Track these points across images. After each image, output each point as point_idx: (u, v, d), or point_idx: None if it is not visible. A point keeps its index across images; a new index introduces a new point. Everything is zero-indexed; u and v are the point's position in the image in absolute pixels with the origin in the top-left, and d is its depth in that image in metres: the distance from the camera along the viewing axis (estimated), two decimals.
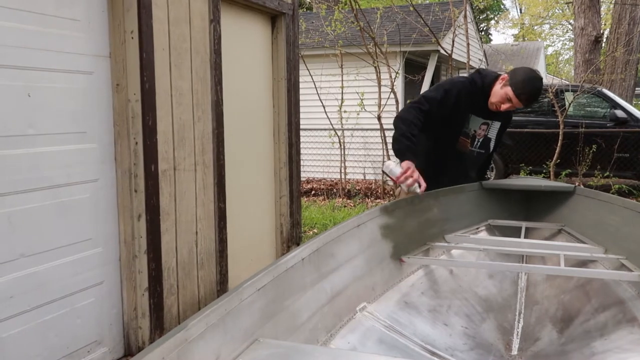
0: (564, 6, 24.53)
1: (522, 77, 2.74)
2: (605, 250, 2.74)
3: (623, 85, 12.22)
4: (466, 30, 8.24)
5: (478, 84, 2.84)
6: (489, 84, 2.83)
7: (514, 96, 2.72)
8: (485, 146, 3.05)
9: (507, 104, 2.78)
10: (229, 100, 3.88)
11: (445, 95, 2.80)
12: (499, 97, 2.78)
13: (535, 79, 2.77)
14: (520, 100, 2.74)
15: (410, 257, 2.63)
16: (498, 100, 2.79)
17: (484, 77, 2.86)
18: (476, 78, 2.87)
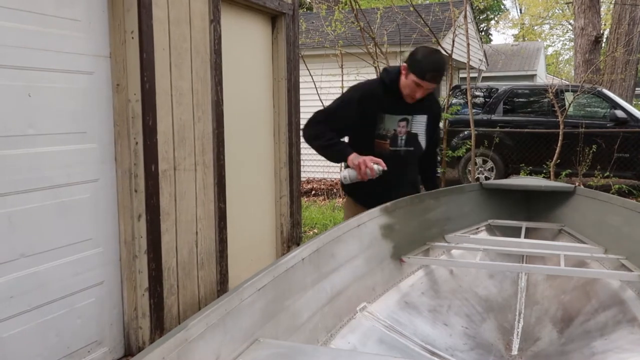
0: (564, 6, 24.53)
1: (419, 58, 2.63)
2: (606, 250, 2.74)
3: (623, 85, 12.22)
4: (466, 31, 8.24)
5: (386, 81, 2.75)
6: (395, 78, 2.72)
7: (421, 80, 2.60)
8: (413, 143, 2.83)
9: (419, 90, 2.66)
10: (229, 100, 3.88)
11: (342, 104, 2.77)
12: (409, 87, 2.67)
13: (431, 53, 2.69)
14: (427, 81, 2.61)
15: (410, 257, 2.63)
16: (410, 91, 2.67)
17: (390, 73, 2.77)
18: (383, 77, 2.79)
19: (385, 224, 2.57)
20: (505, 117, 9.01)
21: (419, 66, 2.61)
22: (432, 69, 2.61)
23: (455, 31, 8.29)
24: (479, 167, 8.90)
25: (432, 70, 2.61)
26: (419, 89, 2.66)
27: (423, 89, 2.66)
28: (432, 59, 2.64)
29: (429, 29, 8.22)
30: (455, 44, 8.01)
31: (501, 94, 9.22)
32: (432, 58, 2.64)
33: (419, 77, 2.61)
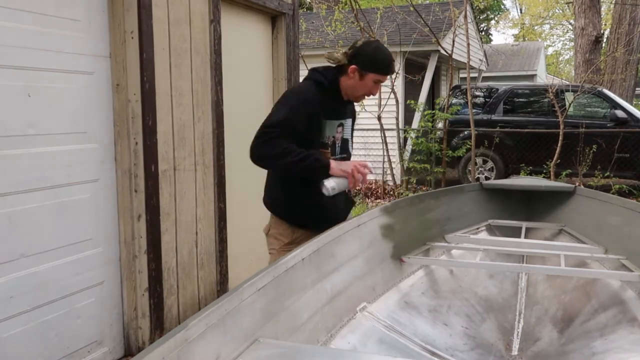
0: (564, 6, 24.53)
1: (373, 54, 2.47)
2: (606, 250, 2.74)
3: (623, 85, 12.21)
4: (466, 31, 8.24)
5: (325, 84, 2.49)
6: (334, 79, 2.50)
7: (384, 76, 2.49)
8: (345, 149, 2.64)
9: (377, 86, 2.52)
10: (229, 100, 3.88)
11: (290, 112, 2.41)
12: (365, 87, 2.48)
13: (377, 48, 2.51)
14: (387, 74, 2.52)
15: (410, 257, 2.63)
16: (368, 90, 2.50)
17: (326, 75, 2.52)
18: (319, 78, 2.51)
19: (385, 224, 2.56)
20: (505, 117, 9.01)
21: (379, 62, 2.46)
22: (391, 61, 2.51)
23: (456, 31, 8.29)
24: (479, 167, 8.90)
25: (392, 61, 2.51)
26: (377, 86, 2.52)
27: (379, 84, 2.53)
28: (385, 51, 2.51)
29: (429, 29, 8.22)
30: (455, 44, 8.01)
31: (501, 94, 9.22)
32: (383, 50, 2.50)
33: (382, 73, 2.47)
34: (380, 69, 2.46)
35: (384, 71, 2.48)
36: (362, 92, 2.52)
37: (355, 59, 2.46)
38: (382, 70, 2.47)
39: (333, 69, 2.52)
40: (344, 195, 2.60)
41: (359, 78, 2.46)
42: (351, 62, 2.46)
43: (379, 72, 2.46)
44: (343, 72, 2.48)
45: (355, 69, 2.44)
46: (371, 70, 2.44)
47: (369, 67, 2.44)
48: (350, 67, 2.45)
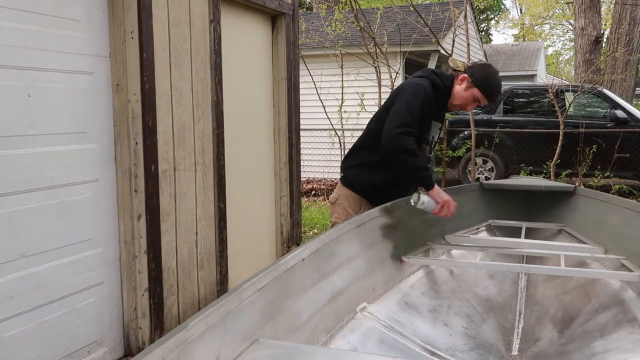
0: (564, 6, 24.52)
1: (486, 77, 2.65)
2: (606, 250, 2.74)
3: (623, 85, 12.21)
4: (466, 31, 8.24)
5: (440, 87, 2.68)
6: (450, 85, 2.70)
7: (483, 96, 2.64)
8: (431, 148, 2.90)
9: (474, 104, 2.71)
10: (229, 100, 3.88)
11: (423, 108, 2.58)
12: (465, 99, 2.66)
13: (496, 74, 2.71)
14: (489, 100, 2.68)
15: (410, 257, 2.63)
16: (463, 102, 2.68)
17: (444, 79, 2.71)
18: (436, 80, 2.68)
19: (385, 224, 2.57)
20: (505, 117, 9.01)
21: (489, 85, 2.63)
22: (497, 90, 2.68)
23: (455, 31, 8.28)
24: (479, 167, 8.90)
25: (496, 92, 2.68)
26: (473, 104, 2.70)
27: (476, 104, 2.71)
28: (497, 80, 2.69)
29: (429, 29, 8.22)
30: (455, 44, 8.00)
31: (501, 94, 9.21)
32: (497, 79, 2.69)
33: (485, 94, 2.64)
34: (487, 89, 2.63)
35: (488, 93, 2.64)
36: (458, 102, 2.70)
37: (471, 70, 2.66)
38: (487, 92, 2.64)
39: (451, 77, 2.72)
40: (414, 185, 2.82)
41: (464, 88, 2.65)
42: (466, 72, 2.66)
43: (483, 92, 2.63)
44: (455, 77, 2.69)
45: (465, 78, 2.65)
46: (478, 86, 2.62)
47: (477, 83, 2.62)
48: (462, 75, 2.65)
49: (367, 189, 2.74)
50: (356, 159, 2.81)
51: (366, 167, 2.74)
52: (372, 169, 2.72)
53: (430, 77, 2.69)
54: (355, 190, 2.76)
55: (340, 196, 2.79)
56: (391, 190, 2.72)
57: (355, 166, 2.79)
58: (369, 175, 2.73)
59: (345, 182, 2.80)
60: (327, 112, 8.78)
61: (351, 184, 2.78)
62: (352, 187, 2.77)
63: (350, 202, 2.74)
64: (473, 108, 2.78)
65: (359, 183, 2.76)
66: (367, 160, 2.73)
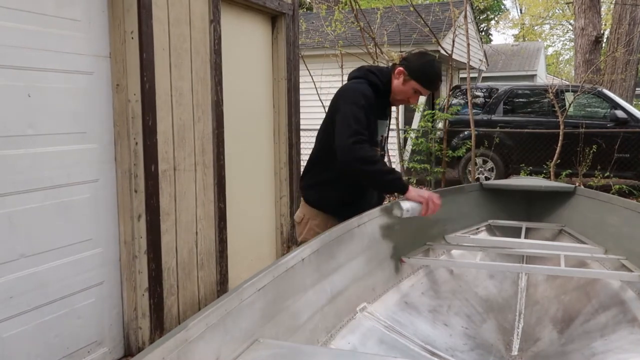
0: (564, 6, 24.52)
1: (422, 67, 2.51)
2: (606, 250, 2.74)
3: (623, 85, 12.21)
4: (466, 31, 8.24)
5: (380, 85, 2.55)
6: (388, 81, 2.57)
7: (422, 88, 2.53)
8: (384, 147, 2.76)
9: (416, 97, 2.60)
10: (229, 100, 3.88)
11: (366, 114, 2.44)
12: (405, 93, 2.55)
13: (432, 62, 2.56)
14: (430, 89, 2.57)
15: (410, 257, 2.62)
16: (404, 96, 2.57)
17: (381, 76, 2.57)
18: (373, 80, 2.56)
19: (385, 224, 2.56)
20: (505, 117, 9.01)
21: (425, 75, 2.51)
22: (435, 79, 2.55)
23: (455, 31, 8.28)
24: (479, 168, 8.90)
25: (434, 81, 2.55)
26: (416, 96, 2.59)
27: (418, 96, 2.59)
28: (436, 68, 2.55)
29: (429, 29, 8.22)
30: (455, 44, 8.01)
31: (501, 94, 9.21)
32: (434, 67, 2.55)
33: (424, 85, 2.52)
34: (424, 80, 2.52)
35: (426, 84, 2.53)
36: (400, 97, 2.59)
37: (406, 63, 2.54)
38: (425, 83, 2.53)
39: (389, 71, 2.59)
40: (376, 193, 2.71)
41: (402, 82, 2.53)
42: (401, 64, 2.54)
43: (422, 83, 2.52)
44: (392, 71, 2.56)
45: (401, 71, 2.53)
46: (415, 78, 2.51)
47: (414, 75, 2.51)
48: (398, 68, 2.53)
49: (330, 206, 2.61)
50: (313, 177, 2.67)
51: (324, 185, 2.61)
52: (329, 186, 2.59)
53: (368, 77, 2.57)
54: (320, 209, 2.64)
55: (305, 215, 2.67)
56: (356, 203, 2.59)
57: (314, 185, 2.66)
58: (328, 192, 2.60)
59: (308, 201, 2.68)
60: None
61: (313, 203, 2.66)
62: (315, 206, 2.65)
63: (317, 221, 2.61)
64: (417, 100, 2.65)
65: (321, 202, 2.64)
66: (323, 177, 2.61)
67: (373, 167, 2.34)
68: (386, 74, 2.59)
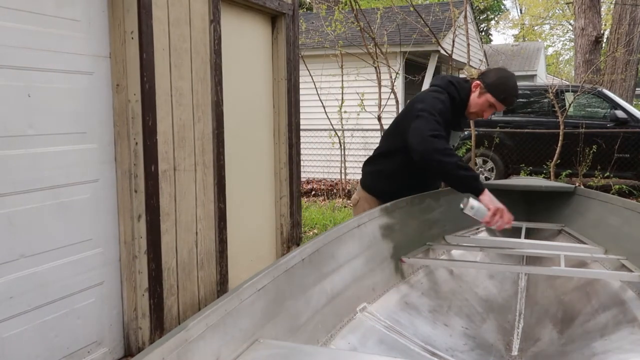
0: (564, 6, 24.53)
1: (498, 81, 2.60)
2: (606, 250, 2.74)
3: (623, 85, 12.21)
4: (466, 31, 8.24)
5: (457, 98, 2.66)
6: (467, 95, 2.68)
7: (497, 102, 2.61)
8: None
9: (490, 111, 2.67)
10: (229, 100, 3.88)
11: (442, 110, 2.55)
12: (480, 106, 2.65)
13: (509, 77, 2.65)
14: (504, 104, 2.64)
15: (410, 257, 2.62)
16: (480, 110, 2.66)
17: (460, 90, 2.68)
18: (452, 92, 2.66)
19: (385, 224, 2.56)
20: (505, 117, 9.01)
21: (501, 89, 2.58)
22: (511, 94, 2.62)
23: (455, 31, 8.28)
24: (479, 168, 8.91)
25: (510, 95, 2.62)
26: (490, 110, 2.67)
27: (494, 111, 2.68)
28: (511, 84, 2.62)
29: (429, 29, 8.22)
30: (455, 44, 8.01)
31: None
32: (511, 82, 2.62)
33: (498, 99, 2.59)
34: (500, 93, 2.58)
35: (501, 97, 2.59)
36: (474, 110, 2.67)
37: (483, 77, 2.62)
38: (500, 96, 2.59)
39: (468, 86, 2.68)
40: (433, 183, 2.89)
41: (477, 95, 2.62)
42: (479, 78, 2.63)
43: (496, 96, 2.58)
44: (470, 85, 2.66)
45: (478, 85, 2.61)
46: (490, 91, 2.59)
47: (489, 88, 2.58)
48: (475, 82, 2.62)
49: (383, 195, 2.79)
50: (376, 165, 2.89)
51: (384, 175, 2.83)
52: (388, 177, 2.80)
53: (447, 89, 2.66)
54: (373, 195, 2.86)
55: (360, 198, 2.91)
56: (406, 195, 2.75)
57: (375, 172, 2.89)
58: (385, 182, 2.82)
59: (364, 185, 2.92)
60: (327, 112, 8.78)
61: (370, 188, 2.89)
62: (370, 191, 2.89)
63: (370, 204, 2.80)
64: (490, 114, 2.74)
65: (376, 188, 2.87)
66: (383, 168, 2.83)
67: (450, 159, 2.37)
68: (465, 88, 2.69)
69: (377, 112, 8.35)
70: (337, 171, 9.38)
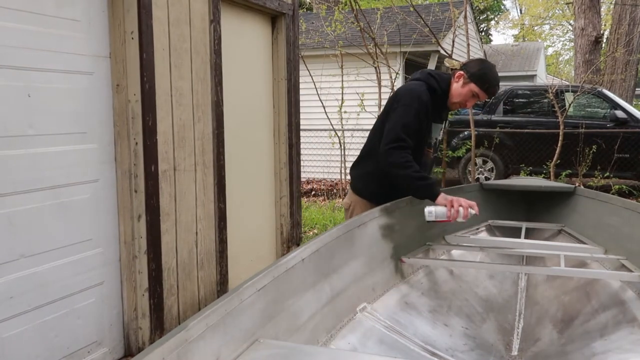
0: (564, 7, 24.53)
1: (481, 71, 2.64)
2: (606, 250, 2.74)
3: (623, 85, 12.21)
4: (466, 31, 8.24)
5: (437, 90, 2.68)
6: (447, 86, 2.71)
7: (481, 91, 2.64)
8: (437, 149, 2.94)
9: (473, 100, 2.70)
10: (229, 100, 3.88)
11: (418, 117, 2.60)
12: (463, 95, 2.66)
13: (491, 68, 2.70)
14: (488, 94, 2.67)
15: (410, 257, 2.62)
16: (463, 99, 2.68)
17: (440, 81, 2.71)
18: (432, 83, 2.69)
19: (385, 224, 2.56)
20: (505, 117, 9.01)
21: (485, 79, 2.62)
22: (494, 83, 2.67)
23: (455, 31, 8.28)
24: (479, 168, 8.90)
25: (493, 84, 2.66)
26: (473, 100, 2.69)
27: (476, 100, 2.70)
28: (493, 73, 2.68)
29: (429, 29, 8.22)
30: (455, 44, 8.01)
31: (501, 95, 9.21)
32: (493, 72, 2.68)
33: (482, 88, 2.63)
34: (483, 83, 2.63)
35: (485, 87, 2.64)
36: (457, 100, 2.71)
37: (466, 67, 2.67)
38: (484, 85, 2.64)
39: (448, 77, 2.72)
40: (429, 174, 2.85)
41: (461, 85, 2.65)
42: (461, 69, 2.67)
43: (480, 86, 2.63)
44: (452, 76, 2.69)
45: (461, 75, 2.65)
46: (474, 81, 2.63)
47: (473, 78, 2.63)
48: (458, 72, 2.66)
49: (375, 196, 2.77)
50: (362, 169, 2.87)
51: (372, 177, 2.78)
52: (377, 178, 2.75)
53: (427, 81, 2.69)
54: (365, 198, 2.83)
55: (352, 202, 2.88)
56: (398, 196, 2.74)
57: (363, 175, 2.86)
58: (375, 184, 2.78)
59: (355, 189, 2.90)
60: (327, 112, 8.78)
61: (361, 191, 2.86)
62: (361, 195, 2.86)
63: (363, 208, 2.76)
64: (473, 104, 2.76)
65: (367, 191, 2.83)
66: (370, 170, 2.78)
67: (403, 171, 2.49)
68: (446, 79, 2.72)
69: (377, 112, 8.34)
70: (337, 171, 9.37)
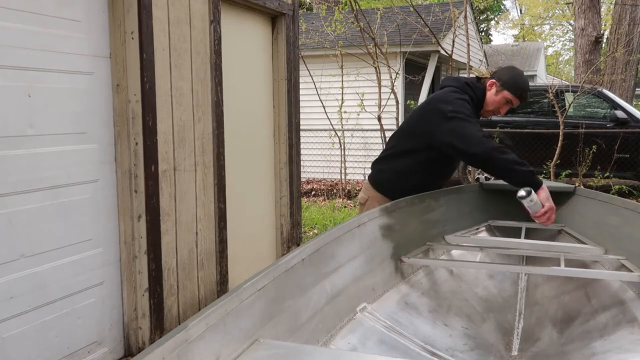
0: (564, 7, 24.54)
1: (513, 78, 2.73)
2: (606, 250, 2.74)
3: (623, 85, 12.21)
4: (466, 31, 8.24)
5: (474, 99, 2.76)
6: (482, 95, 2.79)
7: (514, 97, 2.72)
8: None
9: (507, 107, 2.78)
10: (229, 100, 3.88)
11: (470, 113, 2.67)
12: (497, 103, 2.74)
13: (521, 74, 2.79)
14: (520, 99, 2.75)
15: (410, 257, 2.62)
16: (496, 107, 2.77)
17: (476, 90, 2.78)
18: (470, 93, 2.75)
19: (385, 224, 2.56)
20: (505, 117, 9.01)
21: (518, 85, 2.69)
22: (526, 89, 2.73)
23: (456, 31, 8.29)
24: None
25: (525, 90, 2.73)
26: (506, 107, 2.75)
27: (509, 107, 2.76)
28: (524, 80, 2.74)
29: (429, 29, 8.23)
30: (455, 44, 8.01)
31: None
32: (524, 78, 2.75)
33: (516, 95, 2.70)
34: (516, 89, 2.70)
35: (518, 93, 2.71)
36: (491, 107, 2.77)
37: (497, 75, 2.73)
38: (517, 92, 2.71)
39: (483, 87, 2.77)
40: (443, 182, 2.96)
41: (494, 93, 2.73)
42: (493, 77, 2.73)
43: (514, 92, 2.70)
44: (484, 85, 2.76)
45: (493, 83, 2.72)
46: (507, 88, 2.70)
47: (506, 85, 2.70)
48: (489, 81, 2.73)
49: (398, 192, 2.78)
50: (385, 164, 2.89)
51: (402, 174, 2.82)
52: (407, 176, 2.80)
53: (466, 91, 2.75)
54: (386, 193, 2.85)
55: (370, 197, 2.90)
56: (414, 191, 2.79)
57: (391, 171, 2.87)
58: (403, 181, 2.81)
59: (376, 184, 2.91)
60: (327, 112, 8.78)
61: (383, 187, 2.88)
62: (382, 190, 2.88)
63: (380, 203, 2.77)
64: (506, 111, 2.82)
65: (392, 187, 2.85)
66: (395, 168, 2.83)
67: (509, 156, 2.49)
68: (479, 87, 2.78)
69: (377, 112, 8.35)
70: (337, 171, 9.38)
